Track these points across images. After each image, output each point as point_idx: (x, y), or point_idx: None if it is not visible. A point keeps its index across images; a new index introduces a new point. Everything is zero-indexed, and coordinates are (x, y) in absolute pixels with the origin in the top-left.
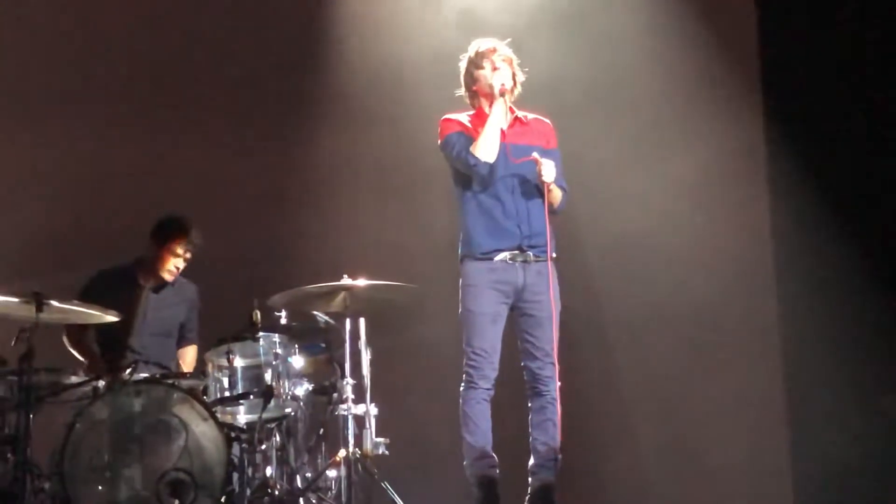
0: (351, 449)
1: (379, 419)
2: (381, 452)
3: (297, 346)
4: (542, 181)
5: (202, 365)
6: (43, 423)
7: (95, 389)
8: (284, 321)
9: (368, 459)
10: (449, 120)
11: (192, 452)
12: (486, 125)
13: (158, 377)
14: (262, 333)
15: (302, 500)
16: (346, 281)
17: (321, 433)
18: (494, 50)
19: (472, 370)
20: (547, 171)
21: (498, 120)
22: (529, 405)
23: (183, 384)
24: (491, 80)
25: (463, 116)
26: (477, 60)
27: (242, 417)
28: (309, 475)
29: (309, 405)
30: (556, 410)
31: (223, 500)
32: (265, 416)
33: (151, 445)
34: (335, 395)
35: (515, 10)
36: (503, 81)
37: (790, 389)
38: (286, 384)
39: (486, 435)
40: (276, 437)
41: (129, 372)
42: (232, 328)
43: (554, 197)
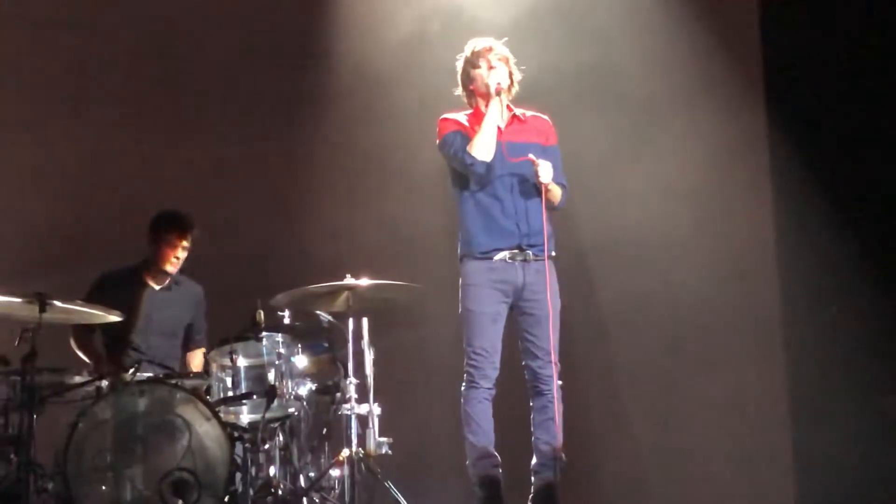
0: (354, 448)
1: (382, 419)
2: (384, 452)
3: (300, 345)
4: (539, 182)
5: (206, 365)
6: (46, 423)
7: (99, 389)
8: (287, 321)
9: (371, 459)
10: (447, 119)
11: (195, 452)
12: (482, 124)
13: (162, 377)
14: (265, 333)
15: (305, 499)
16: (348, 280)
17: (324, 433)
18: (490, 49)
19: (473, 370)
20: (544, 171)
21: (494, 119)
22: (531, 404)
23: (186, 384)
24: (487, 79)
25: (461, 116)
26: (473, 59)
27: (246, 417)
28: (312, 475)
29: (312, 405)
30: (558, 409)
31: (226, 499)
32: (268, 415)
33: (155, 445)
34: (338, 394)
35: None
36: (499, 80)
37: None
38: (289, 384)
39: (488, 434)
40: (279, 436)
41: (132, 372)
42: (235, 328)
43: (553, 195)
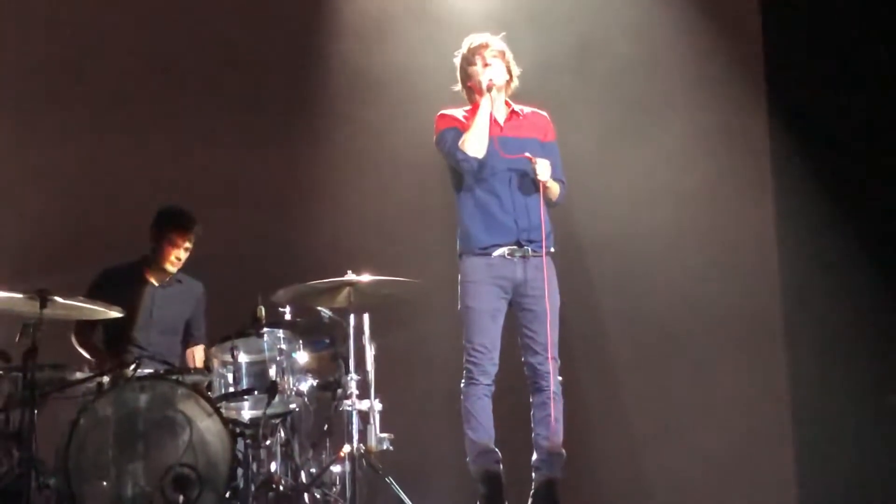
0: (355, 444)
1: (383, 415)
2: (385, 448)
3: (301, 341)
4: (537, 179)
5: (207, 361)
6: (48, 419)
7: (100, 385)
8: (289, 317)
9: (373, 455)
10: (444, 116)
11: (196, 448)
12: (473, 121)
13: (163, 373)
14: (266, 329)
15: (306, 495)
16: (350, 276)
17: (325, 429)
18: (486, 45)
19: (472, 366)
20: (541, 169)
21: (485, 116)
22: (531, 401)
23: (187, 380)
24: (481, 76)
25: (459, 112)
26: (469, 56)
27: (247, 413)
28: (313, 471)
29: (313, 401)
30: (558, 406)
31: (228, 495)
32: (269, 411)
33: (156, 441)
34: (339, 390)
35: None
36: (491, 77)
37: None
38: (290, 380)
39: (488, 430)
40: (280, 432)
41: (133, 368)
42: (236, 324)
43: (551, 192)
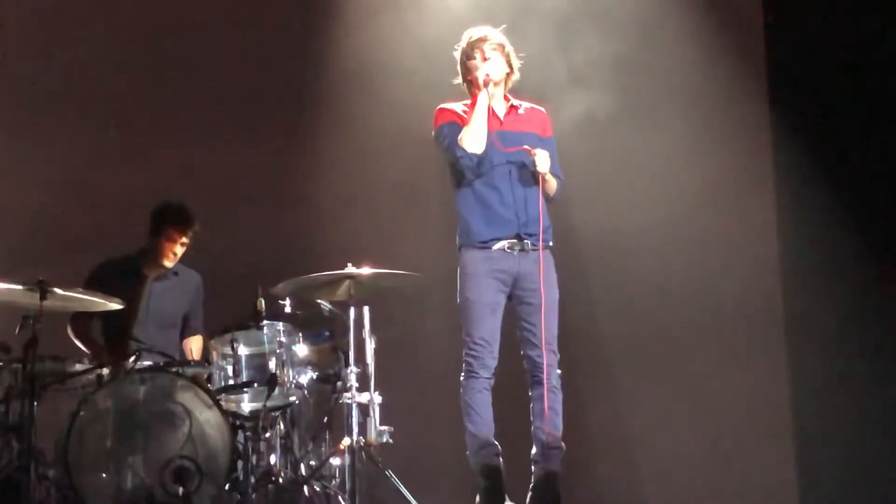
0: (355, 437)
1: (383, 408)
2: (384, 441)
3: (301, 334)
4: (536, 171)
5: (206, 353)
6: (47, 410)
7: (100, 377)
8: (289, 309)
9: (372, 448)
10: (443, 110)
11: (196, 440)
12: (471, 117)
13: (163, 365)
14: (266, 322)
15: (306, 488)
16: (350, 269)
17: (325, 422)
18: (485, 39)
19: (472, 360)
20: (541, 161)
21: (482, 112)
22: (530, 394)
23: (187, 372)
24: (479, 70)
25: (458, 105)
26: (468, 50)
27: (246, 405)
28: (313, 463)
29: (313, 393)
30: (557, 399)
31: (227, 487)
32: (269, 404)
33: (156, 433)
34: (339, 383)
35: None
36: (488, 72)
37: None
38: (290, 372)
39: (488, 424)
40: (280, 425)
41: (132, 360)
42: (236, 316)
43: (549, 186)
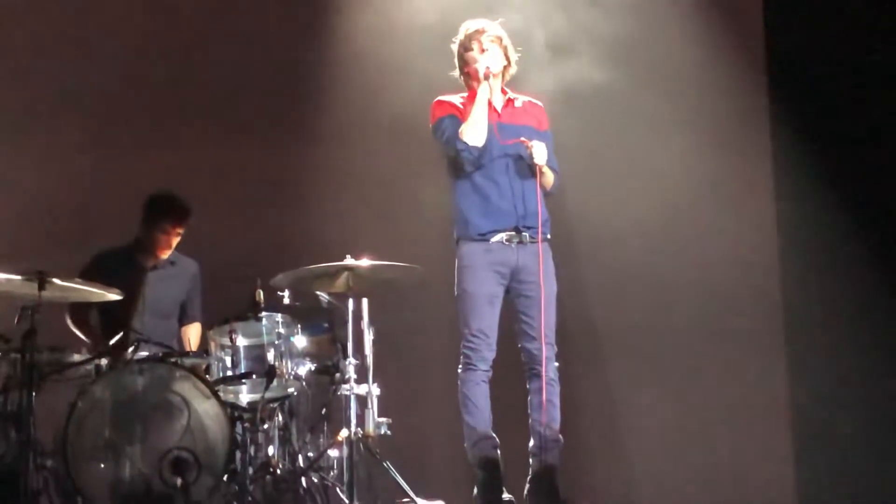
0: (353, 429)
1: (381, 399)
2: (383, 433)
3: (299, 325)
4: (533, 163)
5: (205, 344)
6: (46, 401)
7: (98, 368)
8: (287, 301)
9: (370, 440)
10: (441, 102)
11: (194, 431)
12: (472, 110)
13: (161, 356)
14: (264, 313)
15: (304, 479)
16: (349, 261)
17: (323, 413)
18: (483, 31)
19: (470, 352)
20: (538, 152)
21: (483, 103)
22: (528, 387)
23: (185, 363)
24: (477, 62)
25: (456, 98)
26: (466, 42)
27: (245, 397)
28: (311, 455)
29: (311, 385)
30: (555, 391)
31: (225, 478)
32: (268, 395)
33: (154, 424)
34: (337, 375)
35: None
36: (488, 64)
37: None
38: (289, 364)
39: (485, 416)
40: (278, 416)
41: (131, 351)
42: (235, 308)
43: (546, 179)
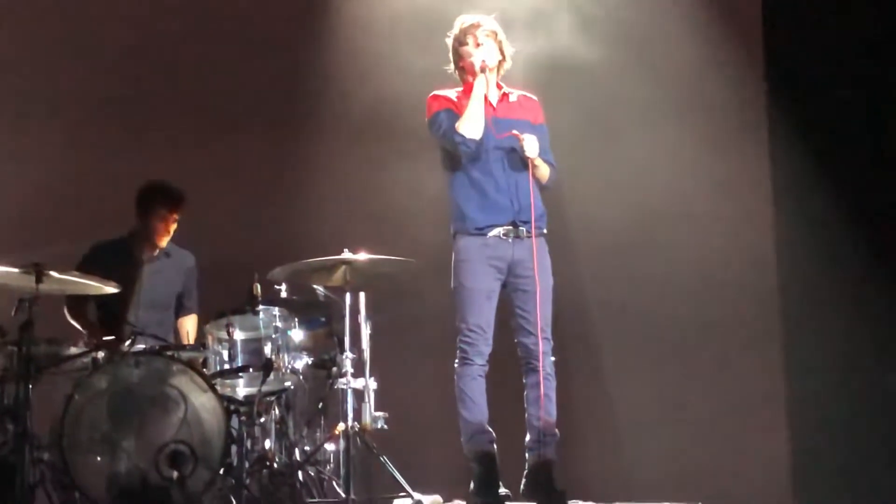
0: (350, 423)
1: (378, 393)
2: (379, 426)
3: (296, 319)
4: (525, 157)
5: (202, 337)
6: (42, 393)
7: (95, 361)
8: (284, 295)
9: (367, 433)
10: (436, 97)
11: (191, 424)
12: (469, 102)
13: (158, 349)
14: (262, 307)
15: (300, 472)
16: (346, 255)
17: (320, 407)
18: (478, 25)
19: (467, 346)
20: (529, 146)
21: (480, 96)
22: (524, 381)
23: (182, 356)
24: (473, 56)
25: (451, 92)
26: (461, 37)
27: (242, 390)
28: (308, 448)
29: (308, 379)
30: (551, 386)
31: (222, 472)
32: (264, 389)
33: (151, 417)
34: (334, 368)
35: None
36: (484, 58)
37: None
38: (286, 357)
39: (482, 410)
40: (275, 410)
41: (128, 344)
42: (232, 301)
43: (541, 173)
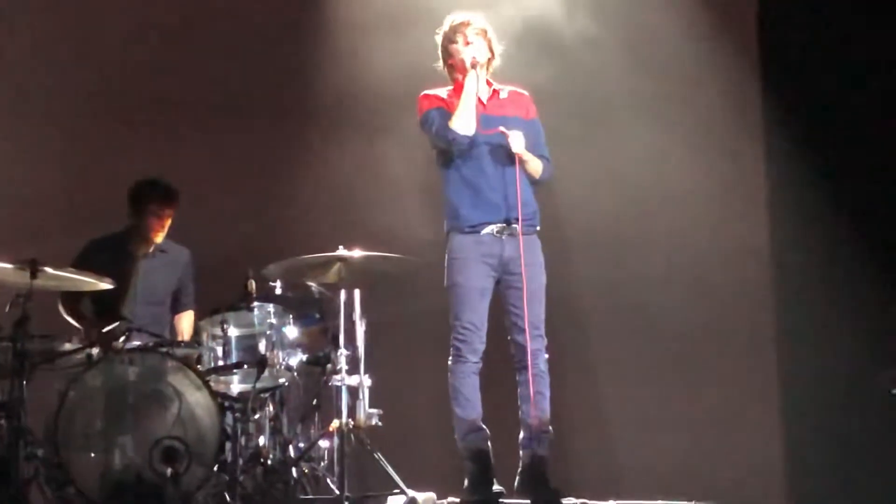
0: (344, 419)
1: (372, 390)
2: (374, 423)
3: (291, 316)
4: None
5: (197, 333)
6: (37, 389)
7: (90, 357)
8: (279, 291)
9: (361, 430)
10: (427, 96)
11: (185, 421)
12: (461, 98)
13: (153, 345)
14: (256, 303)
15: (294, 469)
16: (341, 252)
17: (314, 403)
18: (468, 23)
19: (461, 344)
20: (515, 141)
21: (471, 93)
22: (517, 378)
23: (177, 353)
24: (463, 54)
25: (441, 91)
26: (450, 34)
27: (236, 387)
28: (302, 445)
29: (303, 375)
30: (545, 383)
31: (216, 468)
32: (259, 385)
33: (145, 413)
34: (329, 365)
35: None
36: (474, 55)
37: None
38: (280, 354)
39: (476, 408)
40: (269, 406)
41: (122, 340)
42: (227, 298)
43: (532, 167)
